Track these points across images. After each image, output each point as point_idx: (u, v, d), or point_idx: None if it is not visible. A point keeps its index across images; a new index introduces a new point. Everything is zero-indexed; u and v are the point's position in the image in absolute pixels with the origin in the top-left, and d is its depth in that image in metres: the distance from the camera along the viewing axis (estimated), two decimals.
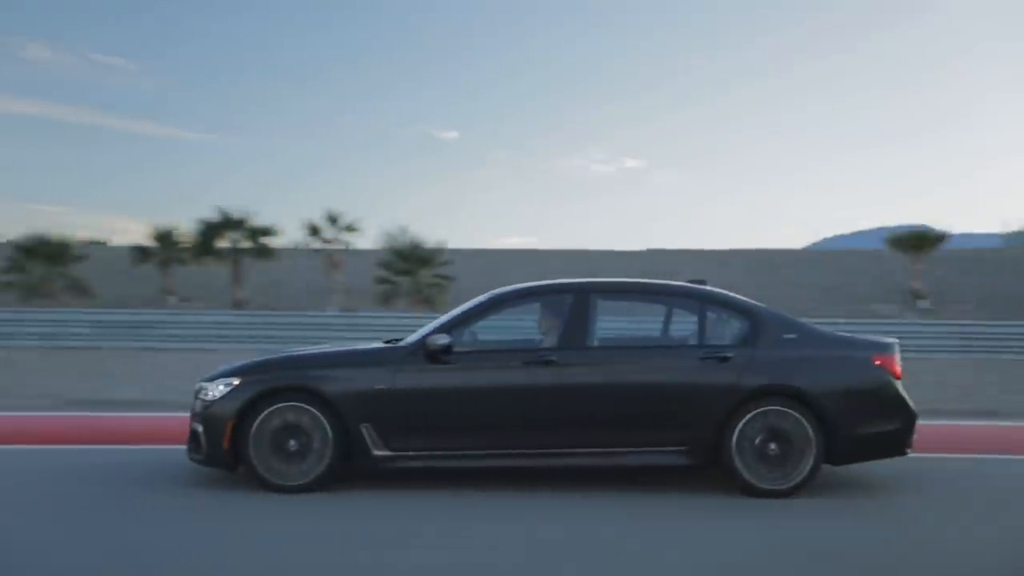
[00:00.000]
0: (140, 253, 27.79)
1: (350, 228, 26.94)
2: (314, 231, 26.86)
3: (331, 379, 5.52)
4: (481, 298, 5.97)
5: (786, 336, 5.70)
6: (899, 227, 30.73)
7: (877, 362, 5.69)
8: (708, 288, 6.02)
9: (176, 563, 4.12)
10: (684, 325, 6.01)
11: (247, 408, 5.46)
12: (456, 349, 5.59)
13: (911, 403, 5.70)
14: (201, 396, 5.70)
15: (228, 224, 26.91)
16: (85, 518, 4.92)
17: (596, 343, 5.73)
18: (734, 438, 5.48)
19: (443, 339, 5.55)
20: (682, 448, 5.53)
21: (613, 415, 5.56)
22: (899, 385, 5.70)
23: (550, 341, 5.74)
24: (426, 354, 5.55)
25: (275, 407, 5.47)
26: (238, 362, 5.91)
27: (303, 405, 5.47)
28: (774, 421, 5.50)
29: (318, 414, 5.45)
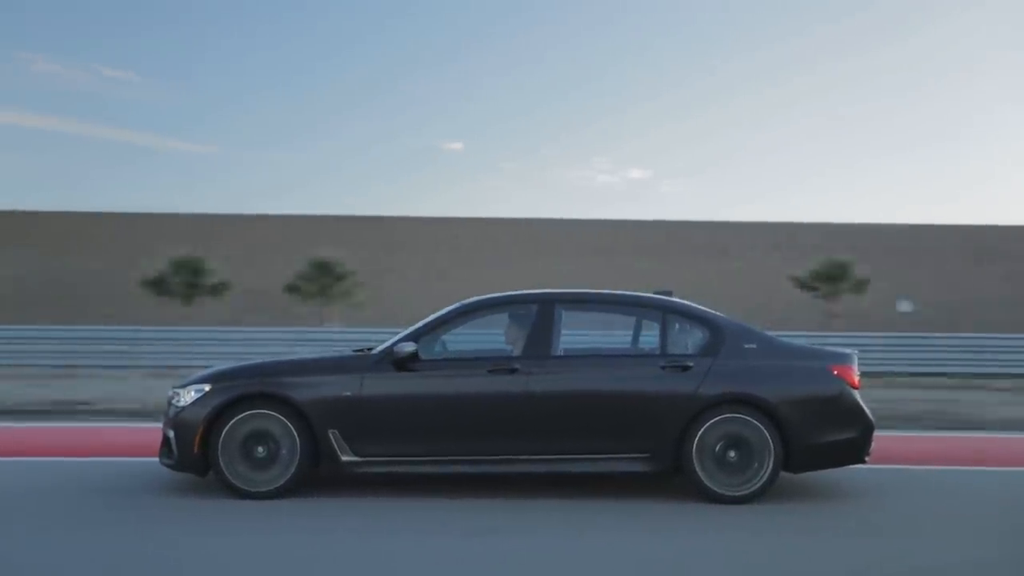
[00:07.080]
0: None
1: None
2: None
3: (299, 386, 5.61)
4: (449, 307, 6.08)
5: (746, 346, 5.81)
6: None
7: (835, 372, 5.79)
8: (670, 299, 6.14)
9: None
10: (646, 335, 6.11)
11: (216, 414, 5.55)
12: (423, 357, 5.70)
13: (869, 412, 5.81)
14: (173, 402, 5.79)
15: None
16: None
17: (560, 352, 5.83)
18: (694, 445, 5.58)
19: (409, 347, 5.65)
20: (644, 455, 5.63)
21: (576, 423, 5.65)
22: (857, 395, 5.80)
23: (515, 350, 5.84)
24: (393, 362, 5.65)
25: (244, 414, 5.57)
26: (209, 369, 6.02)
27: (271, 412, 5.57)
28: (734, 429, 5.60)
29: (286, 421, 5.55)
